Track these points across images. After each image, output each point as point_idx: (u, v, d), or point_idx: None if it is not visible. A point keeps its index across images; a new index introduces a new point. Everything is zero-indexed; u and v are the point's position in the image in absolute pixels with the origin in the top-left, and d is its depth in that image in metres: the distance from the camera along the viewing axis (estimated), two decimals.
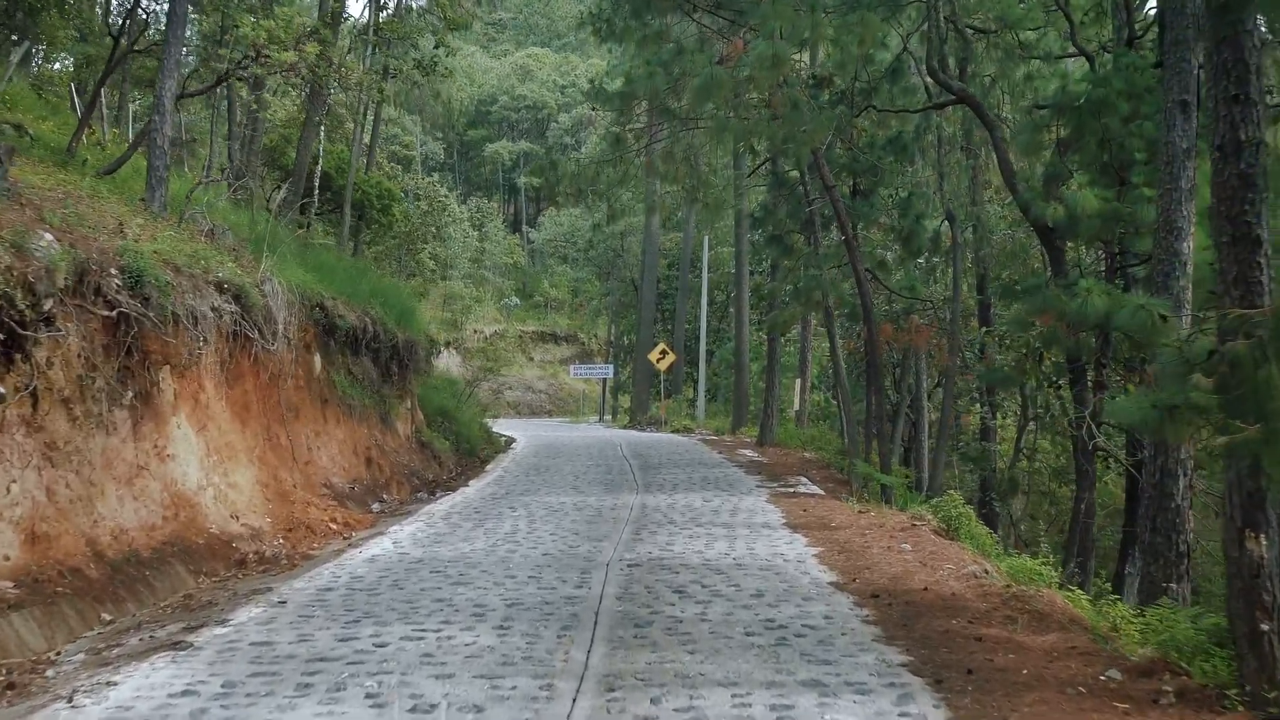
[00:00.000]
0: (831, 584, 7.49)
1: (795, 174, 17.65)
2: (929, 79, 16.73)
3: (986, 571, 7.90)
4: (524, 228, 75.99)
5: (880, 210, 16.42)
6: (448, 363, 46.87)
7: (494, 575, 7.89)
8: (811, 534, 9.79)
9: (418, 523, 10.88)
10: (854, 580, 7.61)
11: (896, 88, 16.43)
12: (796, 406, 26.04)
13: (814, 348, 27.67)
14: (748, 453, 19.72)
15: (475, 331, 62.07)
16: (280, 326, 11.48)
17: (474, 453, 19.03)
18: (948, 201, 20.28)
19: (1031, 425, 19.74)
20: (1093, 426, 12.12)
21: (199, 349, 9.67)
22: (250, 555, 9.07)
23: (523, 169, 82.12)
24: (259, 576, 8.41)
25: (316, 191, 19.55)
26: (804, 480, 14.76)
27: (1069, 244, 15.98)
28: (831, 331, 15.43)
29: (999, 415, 24.22)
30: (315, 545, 9.91)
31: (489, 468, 17.48)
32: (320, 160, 19.78)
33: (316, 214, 23.66)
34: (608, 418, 46.65)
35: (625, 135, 15.56)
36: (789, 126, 12.15)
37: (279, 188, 22.93)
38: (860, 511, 11.42)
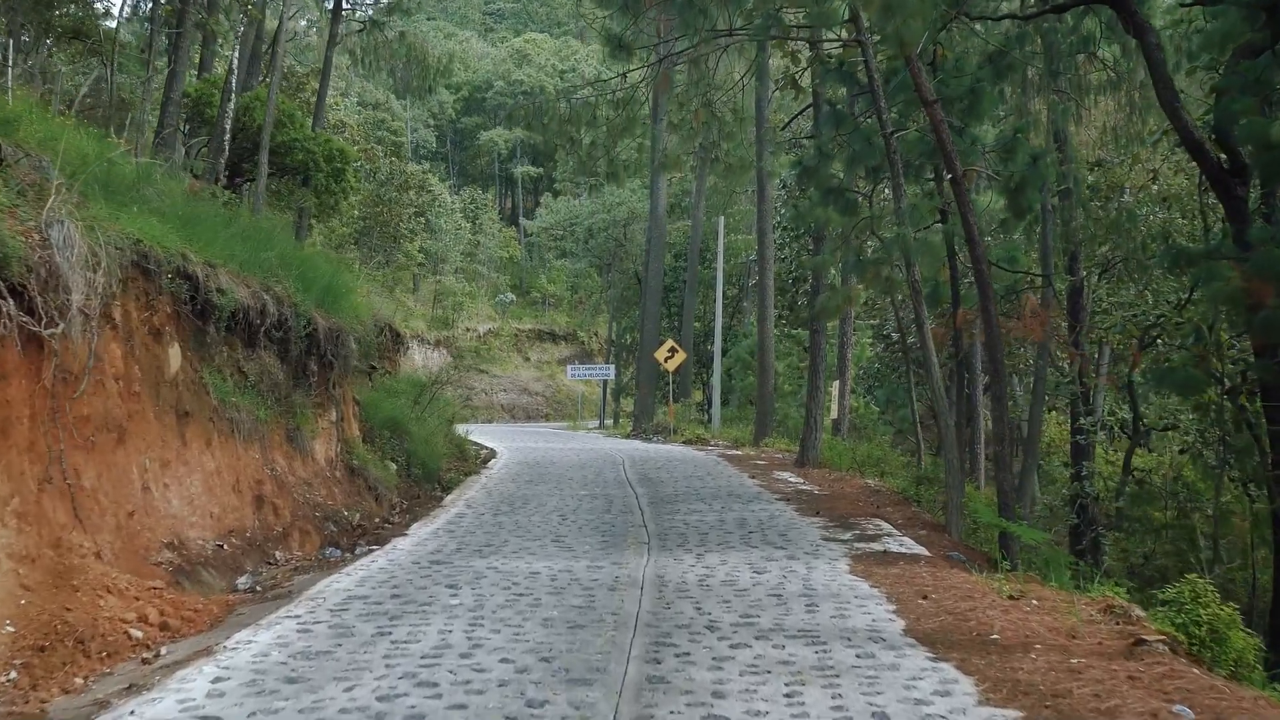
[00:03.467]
0: None
1: (843, 104, 13.32)
2: None
3: None
4: (521, 221, 71.68)
5: (977, 153, 12.07)
6: (440, 362, 42.59)
7: None
8: (972, 664, 5.42)
9: (287, 621, 6.51)
10: None
11: None
12: (834, 414, 21.65)
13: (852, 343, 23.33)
14: (788, 477, 15.33)
15: (468, 329, 57.93)
16: (79, 297, 7.15)
17: (433, 476, 14.66)
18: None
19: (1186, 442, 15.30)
20: None
21: None
22: None
23: (519, 158, 77.89)
24: None
25: (228, 137, 15.18)
26: (885, 526, 10.39)
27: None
28: (920, 314, 11.09)
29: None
30: (74, 680, 5.55)
31: (448, 500, 13.12)
32: (231, 101, 15.40)
33: (250, 180, 19.37)
34: (608, 422, 42.32)
35: (630, 42, 11.19)
36: None
37: (205, 148, 18.65)
38: (1013, 599, 7.06)
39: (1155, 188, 18.28)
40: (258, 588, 7.94)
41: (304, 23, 52.67)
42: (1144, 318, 13.39)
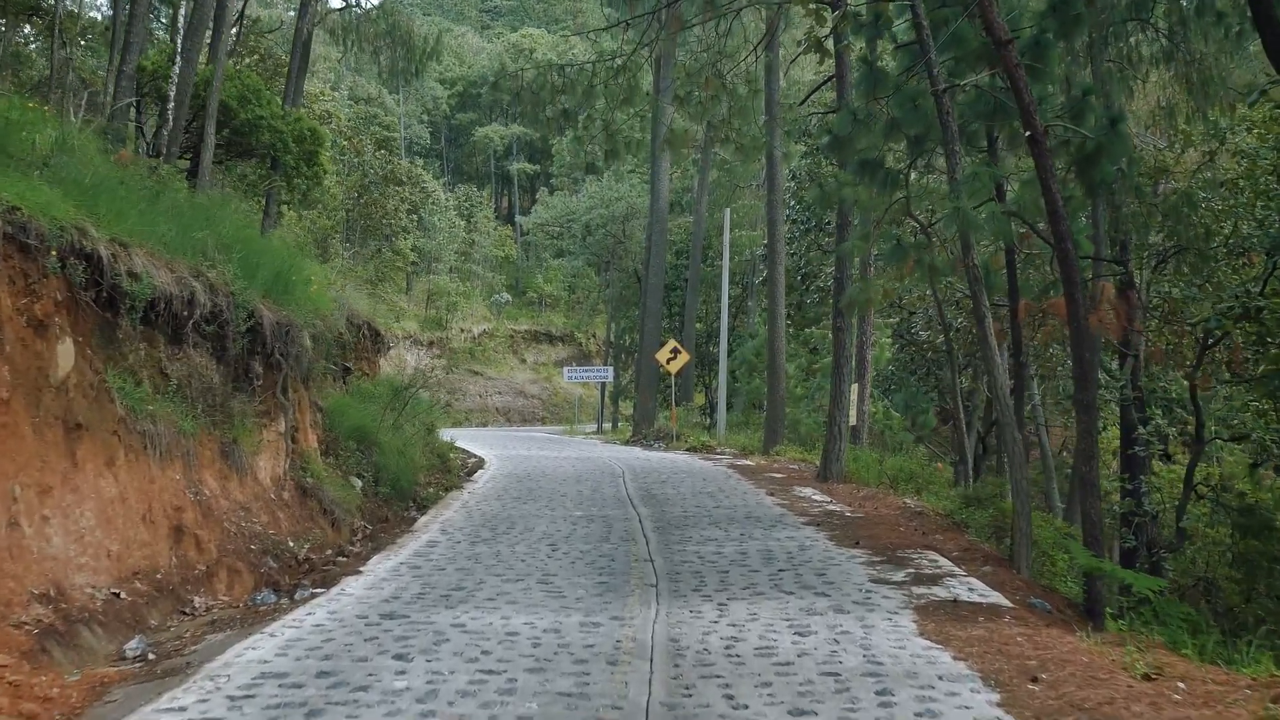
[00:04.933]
0: None
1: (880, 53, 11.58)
2: None
3: None
4: (517, 219, 69.87)
5: (1043, 115, 10.29)
6: (433, 364, 40.74)
7: None
8: None
9: (165, 717, 4.71)
10: None
11: None
12: (853, 420, 19.85)
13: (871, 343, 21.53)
14: (811, 494, 13.53)
15: (462, 330, 56.14)
16: None
17: (406, 493, 12.86)
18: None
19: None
20: None
21: None
22: None
23: (515, 155, 76.03)
24: None
25: (171, 105, 13.37)
26: (943, 563, 8.59)
27: None
28: (980, 305, 9.31)
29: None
30: None
31: (420, 523, 11.32)
32: (176, 64, 13.58)
33: (215, 162, 17.56)
34: (606, 426, 40.53)
35: None
36: None
37: (162, 127, 16.84)
38: (1149, 679, 5.28)
39: (1210, 173, 16.55)
40: (150, 655, 6.13)
41: (291, 13, 50.85)
42: (1237, 308, 11.64)
